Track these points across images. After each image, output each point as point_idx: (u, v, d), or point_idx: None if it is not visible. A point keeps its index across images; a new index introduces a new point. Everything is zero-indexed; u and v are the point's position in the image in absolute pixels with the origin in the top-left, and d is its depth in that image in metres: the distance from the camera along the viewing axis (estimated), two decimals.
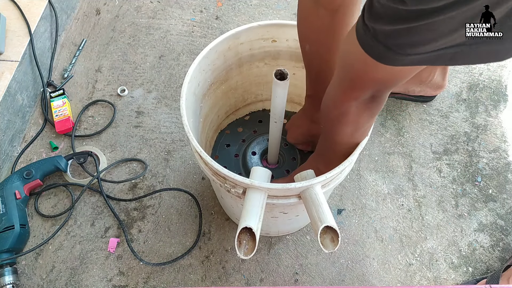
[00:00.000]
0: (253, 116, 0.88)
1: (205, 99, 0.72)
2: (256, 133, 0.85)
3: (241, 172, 0.80)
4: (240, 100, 0.84)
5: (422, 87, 0.87)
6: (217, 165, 0.53)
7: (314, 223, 0.51)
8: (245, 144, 0.83)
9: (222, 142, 0.84)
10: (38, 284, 0.77)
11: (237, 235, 0.49)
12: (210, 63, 0.67)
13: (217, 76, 0.72)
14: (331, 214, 0.51)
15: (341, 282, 0.77)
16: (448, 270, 0.78)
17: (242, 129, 0.86)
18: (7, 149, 0.88)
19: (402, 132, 0.92)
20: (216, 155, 0.83)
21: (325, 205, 0.52)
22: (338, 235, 0.49)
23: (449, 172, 0.87)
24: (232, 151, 0.83)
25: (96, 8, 1.12)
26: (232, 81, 0.77)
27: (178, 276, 0.78)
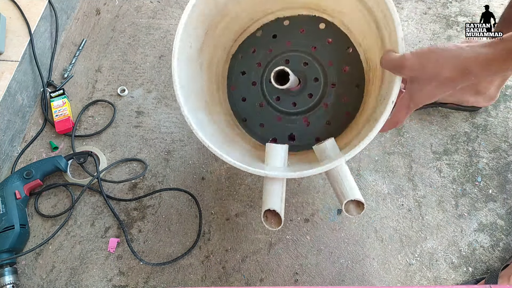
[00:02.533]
0: (266, 31, 0.76)
1: (202, 51, 0.66)
2: (272, 52, 0.75)
3: (262, 102, 0.75)
4: (245, 21, 0.75)
5: (476, 98, 0.87)
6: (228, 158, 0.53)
7: (338, 197, 0.52)
8: (261, 69, 0.75)
9: (237, 69, 0.76)
10: (38, 284, 0.77)
11: (263, 214, 0.52)
12: (197, 17, 0.62)
13: (210, 22, 0.66)
14: (355, 185, 0.51)
15: (341, 282, 0.77)
16: (448, 270, 0.78)
17: (255, 50, 0.76)
18: (7, 149, 0.88)
19: (402, 132, 0.92)
20: (232, 86, 0.77)
21: (348, 179, 0.51)
22: (364, 204, 0.50)
23: (449, 172, 0.87)
24: (249, 78, 0.75)
25: (96, 8, 1.12)
26: (231, 14, 0.70)
27: (178, 276, 0.78)
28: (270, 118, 0.75)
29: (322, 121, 0.73)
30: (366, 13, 0.63)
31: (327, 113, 0.72)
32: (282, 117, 0.74)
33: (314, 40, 0.73)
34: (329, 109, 0.72)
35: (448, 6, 1.06)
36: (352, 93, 0.72)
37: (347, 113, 0.72)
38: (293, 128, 0.74)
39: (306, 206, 0.84)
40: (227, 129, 0.71)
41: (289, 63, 0.74)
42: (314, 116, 0.73)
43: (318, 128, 0.72)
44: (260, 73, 0.75)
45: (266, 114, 0.75)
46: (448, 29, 1.03)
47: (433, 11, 1.06)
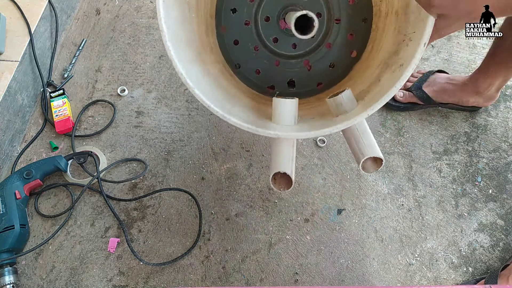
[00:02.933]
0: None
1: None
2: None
3: (257, 45, 0.67)
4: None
5: (476, 98, 0.87)
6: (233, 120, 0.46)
7: (354, 154, 0.47)
8: (254, 5, 0.65)
9: (226, 6, 0.66)
10: (38, 284, 0.77)
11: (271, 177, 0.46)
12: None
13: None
14: (374, 141, 0.46)
15: (341, 282, 0.77)
16: (448, 270, 0.78)
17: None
18: (7, 149, 0.88)
19: (402, 132, 0.92)
20: (222, 26, 0.68)
21: (367, 135, 0.46)
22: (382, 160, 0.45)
23: (449, 172, 0.87)
24: (241, 17, 0.66)
25: (96, 8, 1.12)
26: None
27: (178, 276, 0.78)
28: (267, 63, 0.67)
29: (325, 63, 0.65)
30: None
31: (331, 54, 0.65)
32: (280, 61, 0.67)
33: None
34: (333, 50, 0.65)
35: None
36: (358, 29, 0.64)
37: (354, 53, 0.65)
38: (293, 73, 0.67)
39: (306, 206, 0.84)
40: (221, 80, 0.63)
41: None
42: (316, 59, 0.66)
43: (321, 72, 0.65)
44: (254, 10, 0.65)
45: (262, 58, 0.66)
46: None
47: None
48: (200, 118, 0.95)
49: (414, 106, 0.92)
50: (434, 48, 1.03)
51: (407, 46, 0.49)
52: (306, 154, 0.90)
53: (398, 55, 0.51)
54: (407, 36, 0.50)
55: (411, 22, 0.50)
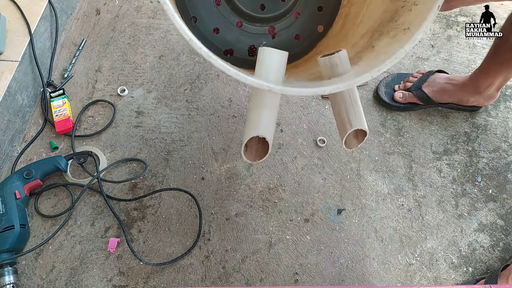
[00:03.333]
0: None
1: None
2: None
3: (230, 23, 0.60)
4: None
5: (476, 98, 0.87)
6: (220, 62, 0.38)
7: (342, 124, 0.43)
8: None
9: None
10: (38, 284, 0.77)
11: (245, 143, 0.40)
12: None
13: None
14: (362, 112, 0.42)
15: (341, 282, 0.77)
16: (448, 270, 0.78)
17: None
18: (7, 149, 0.88)
19: (402, 132, 0.92)
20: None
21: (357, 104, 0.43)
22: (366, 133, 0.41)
23: (449, 172, 0.87)
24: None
25: (96, 8, 1.12)
26: None
27: (178, 276, 0.78)
28: (228, 22, 0.60)
29: (291, 33, 0.61)
30: None
31: (298, 25, 0.61)
32: (243, 22, 0.61)
33: None
34: (300, 20, 0.61)
35: None
36: (329, 2, 0.61)
37: (320, 28, 0.61)
38: (255, 39, 0.61)
39: (306, 206, 0.84)
40: None
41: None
42: (282, 27, 0.61)
43: (285, 42, 0.60)
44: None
45: (224, 15, 0.60)
46: (448, 29, 1.03)
47: None
48: (200, 118, 0.95)
49: (414, 106, 0.92)
50: (434, 48, 1.03)
51: (410, 11, 0.46)
52: (306, 154, 0.90)
53: (397, 21, 0.48)
54: (409, 1, 0.47)
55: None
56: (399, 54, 0.41)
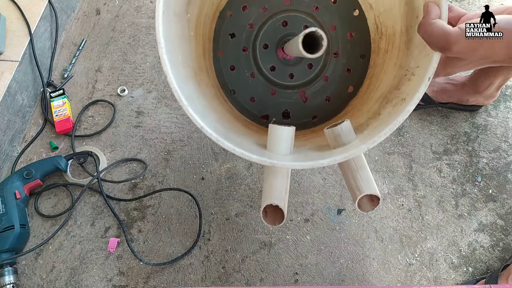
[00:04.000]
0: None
1: (191, 4, 0.57)
2: (267, 12, 0.65)
3: (254, 72, 0.66)
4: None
5: (476, 97, 0.87)
6: (228, 144, 0.44)
7: (351, 190, 0.45)
8: (253, 32, 0.65)
9: (225, 30, 0.65)
10: (38, 284, 0.77)
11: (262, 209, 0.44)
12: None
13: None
14: (371, 177, 0.44)
15: (341, 282, 0.77)
16: (448, 270, 0.78)
17: (247, 7, 0.65)
18: (7, 149, 0.88)
19: (402, 132, 0.92)
20: (220, 51, 0.66)
21: (364, 170, 0.44)
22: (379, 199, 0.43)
23: (449, 172, 0.87)
24: (239, 42, 0.65)
25: (96, 8, 1.12)
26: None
27: (178, 276, 0.78)
28: (263, 91, 0.66)
29: (322, 96, 0.65)
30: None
31: (328, 88, 0.65)
32: (276, 90, 0.66)
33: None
34: (330, 83, 0.64)
35: None
36: (356, 65, 0.64)
37: (351, 87, 0.64)
38: (288, 104, 0.66)
39: (306, 206, 0.84)
40: (215, 103, 0.61)
41: (287, 25, 0.65)
42: (312, 91, 0.65)
43: (317, 104, 0.64)
44: (253, 37, 0.64)
45: (258, 86, 0.66)
46: None
47: None
48: None
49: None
50: None
51: (409, 81, 0.48)
52: None
53: (399, 90, 0.50)
54: (410, 70, 0.49)
55: (414, 56, 0.49)
56: (393, 125, 0.43)
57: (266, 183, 0.47)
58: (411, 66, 0.49)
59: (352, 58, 0.64)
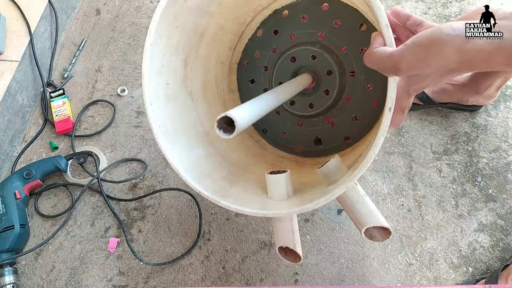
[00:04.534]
0: (266, 28, 0.68)
1: (187, 79, 0.57)
2: (276, 52, 0.68)
3: (278, 109, 0.68)
4: (237, 28, 0.66)
5: (476, 97, 0.87)
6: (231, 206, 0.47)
7: (355, 224, 0.45)
8: (269, 73, 0.68)
9: (244, 79, 0.70)
10: (38, 284, 0.77)
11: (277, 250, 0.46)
12: (163, 51, 0.51)
13: (185, 48, 0.57)
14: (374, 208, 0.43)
15: (341, 282, 0.77)
16: (448, 270, 0.78)
17: (259, 53, 0.69)
18: (7, 149, 0.88)
19: (402, 132, 0.92)
20: (246, 99, 0.69)
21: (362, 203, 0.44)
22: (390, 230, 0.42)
23: (449, 172, 0.87)
24: (259, 86, 0.69)
25: (96, 8, 1.12)
26: (211, 28, 0.60)
27: (178, 276, 0.78)
28: (291, 124, 0.68)
29: (348, 117, 0.64)
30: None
31: (352, 107, 0.63)
32: (302, 121, 0.68)
33: (319, 26, 0.63)
34: (353, 102, 0.64)
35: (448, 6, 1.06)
36: (376, 77, 0.61)
37: (376, 102, 0.62)
38: (318, 131, 0.67)
39: None
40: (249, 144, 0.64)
41: (295, 61, 0.67)
42: (337, 114, 0.65)
43: (345, 126, 0.64)
44: (268, 78, 0.69)
45: (285, 120, 0.69)
46: None
47: (433, 11, 1.06)
48: None
49: (414, 107, 0.92)
50: None
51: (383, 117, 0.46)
52: None
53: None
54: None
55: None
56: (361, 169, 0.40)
57: (274, 228, 0.49)
58: None
59: (371, 72, 0.61)
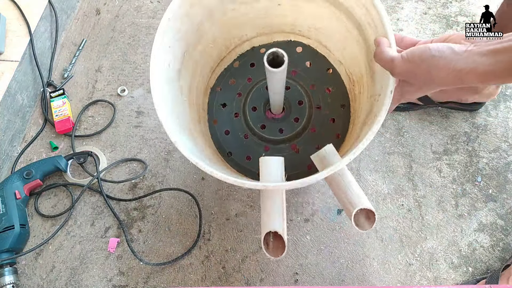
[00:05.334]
0: (243, 61, 0.75)
1: (181, 74, 0.63)
2: (251, 81, 0.73)
3: (247, 133, 0.71)
4: (223, 49, 0.73)
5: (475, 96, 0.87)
6: (222, 176, 0.48)
7: (345, 207, 0.47)
8: (242, 99, 0.72)
9: (217, 102, 0.73)
10: (38, 284, 0.77)
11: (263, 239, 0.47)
12: (174, 35, 0.57)
13: (187, 41, 0.62)
14: (362, 192, 0.47)
15: (341, 282, 0.77)
16: (448, 270, 0.78)
17: (234, 80, 0.74)
18: (7, 149, 0.88)
19: (402, 132, 0.92)
20: (214, 120, 0.73)
21: (353, 185, 0.48)
22: (374, 213, 0.46)
23: (449, 172, 0.87)
24: (230, 110, 0.72)
25: (96, 8, 1.12)
26: (207, 35, 0.67)
27: (178, 276, 0.78)
28: (257, 149, 0.70)
29: (312, 146, 0.69)
30: (344, 18, 0.61)
31: (316, 138, 0.70)
32: (269, 146, 0.71)
33: (293, 65, 0.72)
34: (318, 133, 0.70)
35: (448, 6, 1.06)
36: (339, 114, 0.70)
37: (337, 135, 0.70)
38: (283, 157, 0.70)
39: (306, 206, 0.84)
40: (214, 160, 0.66)
41: None
42: (302, 142, 0.70)
43: (308, 154, 0.67)
44: (242, 103, 0.72)
45: (252, 145, 0.71)
46: (448, 29, 1.03)
47: (433, 11, 1.06)
48: None
49: (414, 106, 0.92)
50: None
51: (377, 101, 0.53)
52: None
53: (372, 111, 0.55)
54: (377, 94, 0.54)
55: (379, 81, 0.55)
56: (369, 136, 0.48)
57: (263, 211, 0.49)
58: (377, 91, 0.55)
59: (334, 109, 0.69)
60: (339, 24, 0.63)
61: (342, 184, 0.48)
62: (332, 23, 0.64)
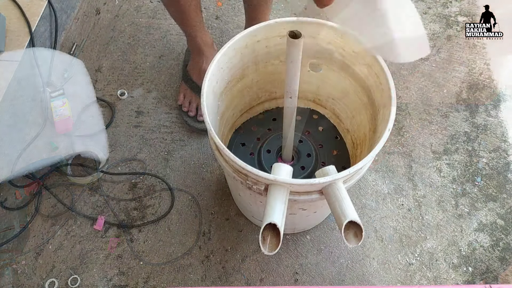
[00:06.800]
0: (268, 115, 0.87)
1: (222, 97, 0.71)
2: (271, 131, 0.84)
3: None
4: (254, 98, 0.83)
5: None
6: (240, 162, 0.53)
7: (338, 218, 0.51)
8: (260, 143, 0.81)
9: (237, 141, 0.83)
10: (38, 284, 0.77)
11: (262, 231, 0.50)
12: (228, 60, 0.66)
13: (234, 73, 0.71)
14: (354, 209, 0.51)
15: (341, 282, 0.77)
16: (448, 270, 0.78)
17: (256, 128, 0.85)
18: (7, 149, 0.88)
19: (402, 132, 0.92)
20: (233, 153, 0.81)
21: (347, 200, 0.52)
22: (362, 229, 0.49)
23: (449, 172, 0.87)
24: (247, 150, 0.81)
25: (96, 8, 1.12)
26: (248, 78, 0.76)
27: (178, 276, 0.78)
28: None
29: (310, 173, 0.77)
30: (360, 90, 0.69)
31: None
32: None
33: (308, 126, 0.83)
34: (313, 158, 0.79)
35: (448, 6, 1.06)
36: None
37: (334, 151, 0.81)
38: None
39: None
40: None
41: None
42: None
43: None
44: (259, 146, 0.80)
45: None
46: (448, 29, 1.03)
47: (433, 11, 1.06)
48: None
49: None
50: (434, 48, 1.03)
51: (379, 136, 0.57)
52: None
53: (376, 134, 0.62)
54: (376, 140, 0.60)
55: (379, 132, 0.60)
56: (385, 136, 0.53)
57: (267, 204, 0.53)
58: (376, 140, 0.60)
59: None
60: (353, 92, 0.71)
61: (338, 198, 0.53)
62: (348, 92, 0.73)
